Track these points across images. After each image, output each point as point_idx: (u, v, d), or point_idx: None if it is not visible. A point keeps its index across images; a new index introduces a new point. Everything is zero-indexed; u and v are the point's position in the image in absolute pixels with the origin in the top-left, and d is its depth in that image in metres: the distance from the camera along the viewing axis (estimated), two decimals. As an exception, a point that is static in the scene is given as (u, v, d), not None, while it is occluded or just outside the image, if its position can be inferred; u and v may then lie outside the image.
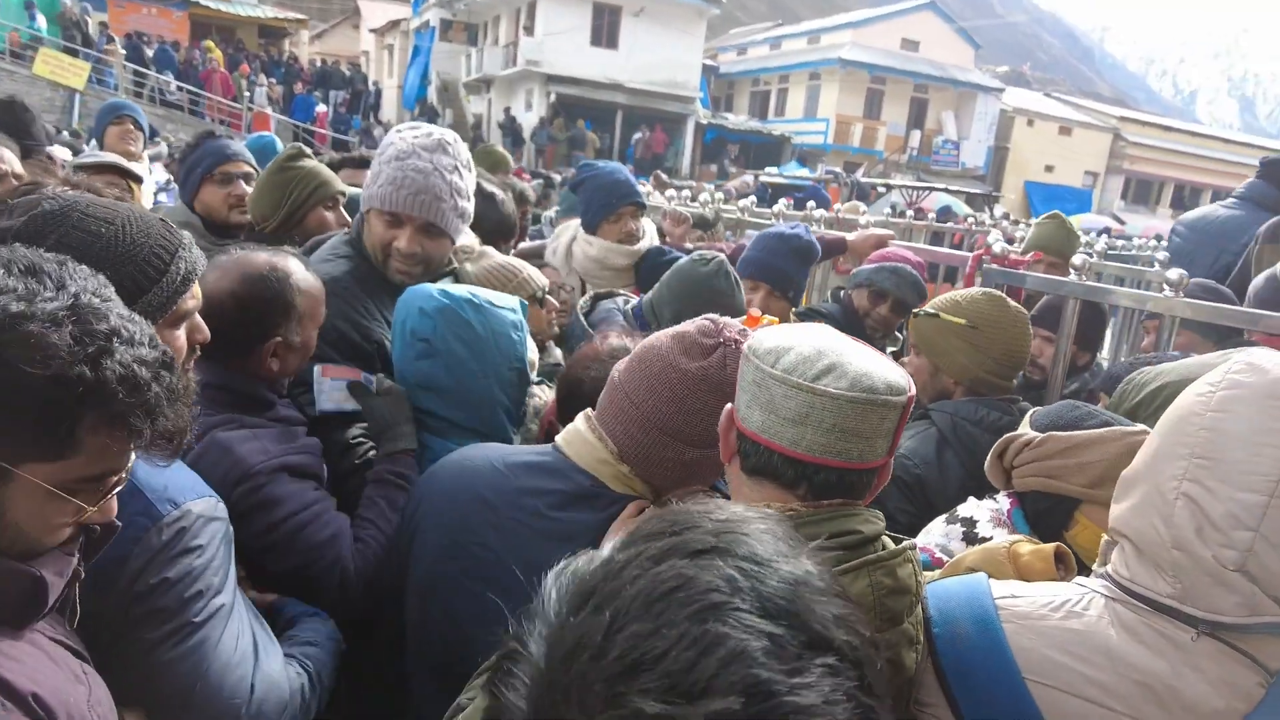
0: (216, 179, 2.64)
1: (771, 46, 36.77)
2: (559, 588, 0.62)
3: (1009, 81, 40.78)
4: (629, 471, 1.29)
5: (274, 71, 23.24)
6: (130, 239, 1.18)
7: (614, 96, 26.36)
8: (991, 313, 2.04)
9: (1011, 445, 1.52)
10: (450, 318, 1.72)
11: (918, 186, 17.83)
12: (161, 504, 1.13)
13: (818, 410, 1.02)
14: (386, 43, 34.93)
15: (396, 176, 1.88)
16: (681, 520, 0.65)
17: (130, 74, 18.45)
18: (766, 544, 0.62)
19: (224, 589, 1.21)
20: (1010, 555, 1.24)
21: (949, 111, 32.78)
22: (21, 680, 0.88)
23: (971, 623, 1.05)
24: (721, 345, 1.28)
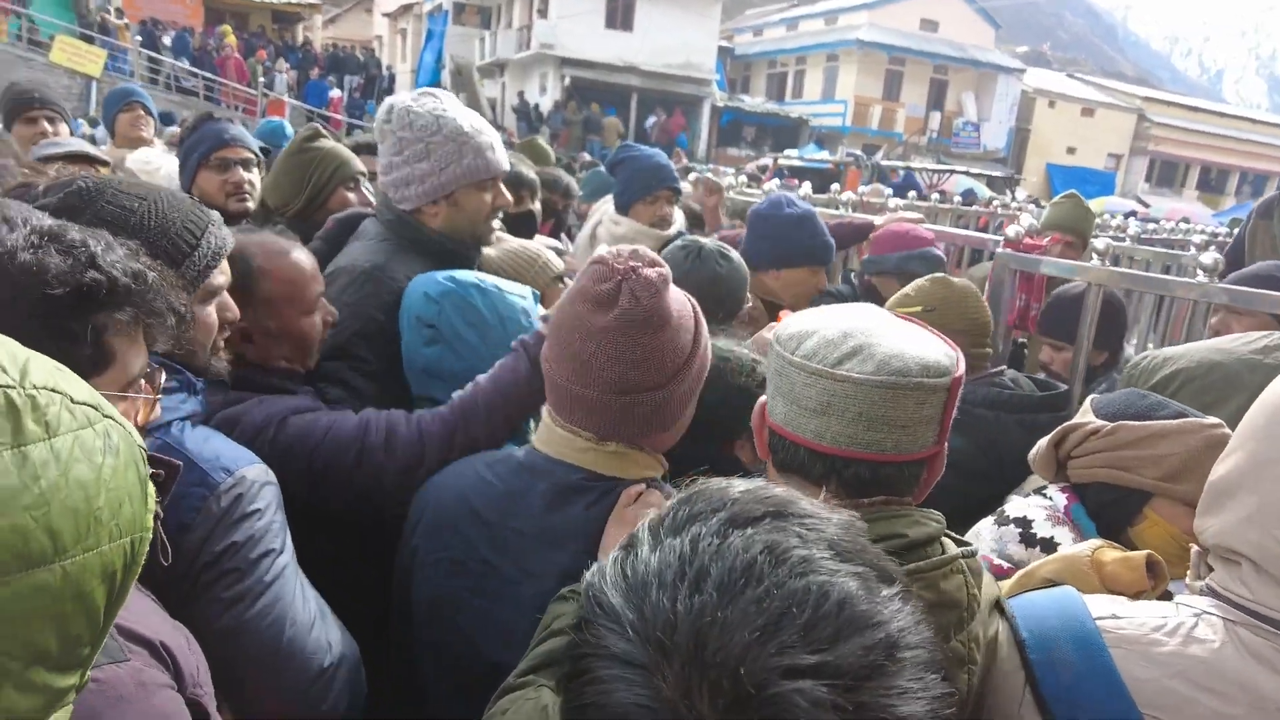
0: (213, 164, 2.47)
1: (788, 27, 36.34)
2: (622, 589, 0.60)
3: (1030, 62, 40.19)
4: (616, 447, 1.24)
5: (288, 57, 23.19)
6: (162, 214, 1.22)
7: (629, 79, 26.13)
8: (941, 292, 2.13)
9: (1073, 434, 1.43)
10: (456, 302, 1.67)
11: (938, 169, 17.61)
12: (216, 472, 1.16)
13: (840, 398, 0.94)
14: (400, 27, 34.79)
15: (482, 143, 1.84)
16: (711, 499, 0.64)
17: (145, 60, 18.44)
18: (800, 501, 0.65)
19: (285, 550, 1.23)
20: (1093, 564, 1.12)
21: (969, 93, 32.32)
22: (146, 628, 0.91)
23: (1073, 646, 0.94)
24: (620, 280, 1.20)
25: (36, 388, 0.60)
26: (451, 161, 1.80)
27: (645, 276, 1.20)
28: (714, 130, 27.98)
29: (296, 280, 1.56)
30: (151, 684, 0.87)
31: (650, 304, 1.18)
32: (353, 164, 2.40)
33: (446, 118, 1.80)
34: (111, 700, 0.81)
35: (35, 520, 0.56)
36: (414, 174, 1.81)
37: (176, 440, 1.18)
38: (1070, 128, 33.36)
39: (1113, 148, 34.16)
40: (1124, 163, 34.25)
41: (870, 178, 13.64)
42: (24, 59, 16.34)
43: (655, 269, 1.23)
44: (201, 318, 1.29)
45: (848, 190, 7.43)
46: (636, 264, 1.22)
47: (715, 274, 2.10)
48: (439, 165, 1.80)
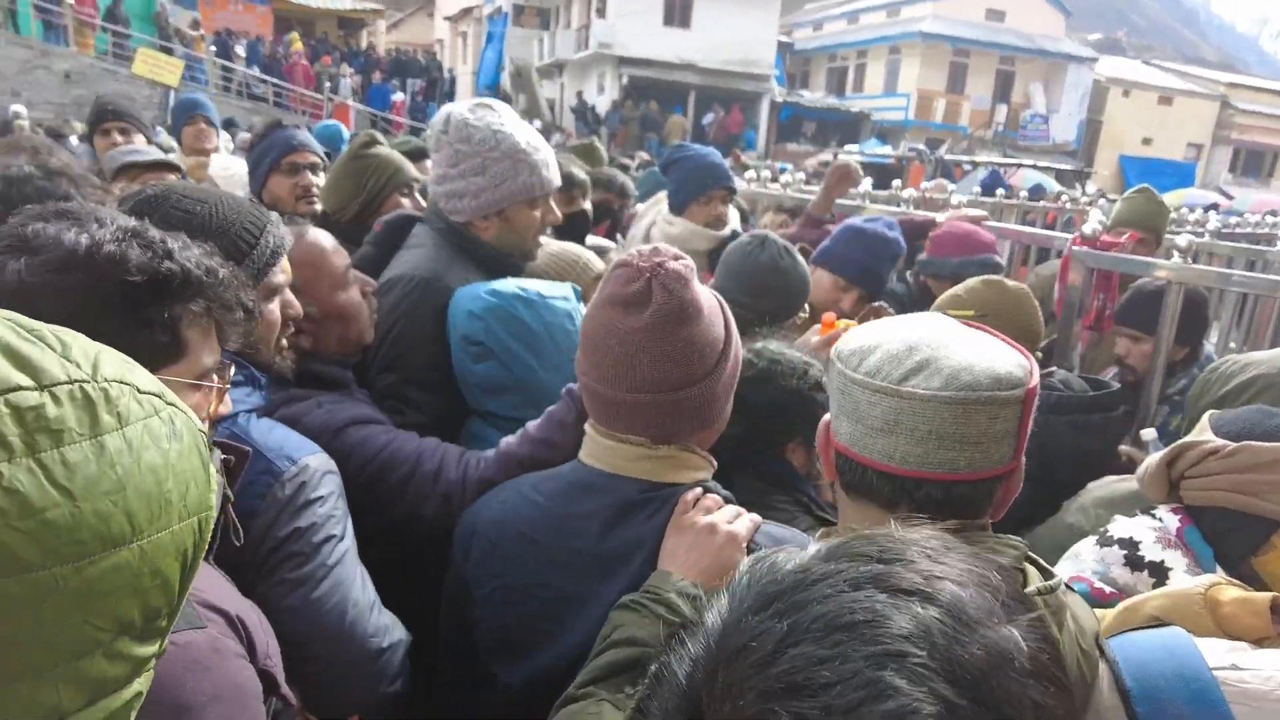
0: (284, 169, 2.63)
1: (849, 21, 35.73)
2: (753, 576, 0.60)
3: (1104, 50, 38.72)
4: (669, 450, 1.22)
5: (352, 62, 23.81)
6: (223, 215, 1.29)
7: (686, 77, 26.05)
8: (994, 297, 2.12)
9: (1189, 453, 1.33)
10: (501, 316, 1.65)
11: (1004, 163, 17.12)
12: (281, 461, 1.21)
13: (907, 416, 0.89)
14: (460, 30, 35.39)
15: (537, 160, 1.85)
16: (892, 550, 0.59)
17: (219, 69, 19.15)
18: (979, 602, 0.55)
19: (346, 535, 1.28)
20: (1208, 602, 1.01)
21: (1037, 83, 31.30)
22: (221, 600, 0.96)
23: (1188, 701, 0.83)
24: (649, 277, 1.18)
25: (108, 380, 0.63)
26: (507, 178, 1.81)
27: (673, 269, 1.19)
28: (773, 126, 27.71)
29: (317, 260, 1.57)
30: (227, 651, 0.91)
31: (683, 295, 1.18)
32: (407, 170, 2.45)
33: (504, 133, 1.80)
34: (189, 664, 0.85)
35: (114, 504, 0.59)
36: (468, 188, 1.81)
37: (243, 430, 1.24)
38: (1146, 117, 32.06)
39: (1193, 137, 32.71)
40: (1205, 153, 32.77)
41: (934, 173, 13.33)
42: (110, 71, 17.12)
43: (680, 261, 1.22)
44: (265, 314, 1.34)
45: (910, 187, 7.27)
46: (661, 259, 1.21)
47: (777, 265, 2.12)
48: (494, 182, 1.80)
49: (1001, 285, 2.15)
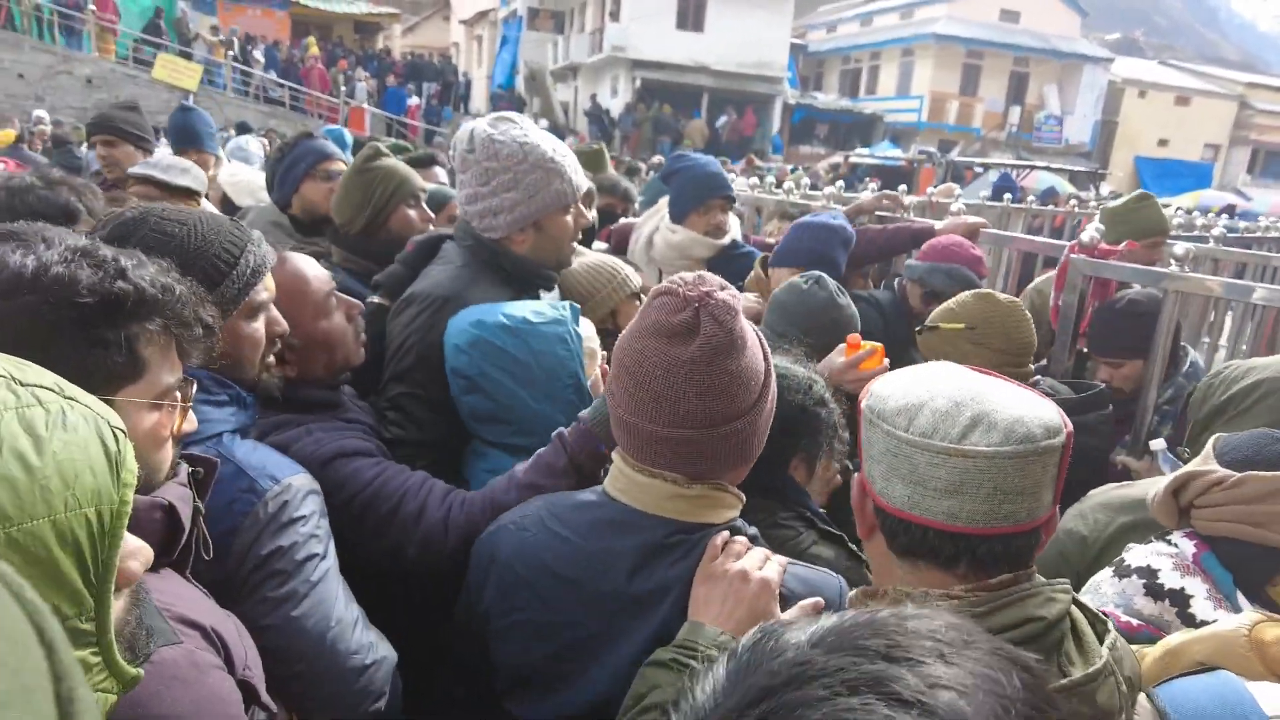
0: (319, 175, 2.77)
1: (862, 23, 35.66)
2: (753, 657, 0.56)
3: (1122, 50, 38.41)
4: (703, 489, 1.18)
5: (368, 65, 24.02)
6: (201, 236, 1.29)
7: (699, 80, 26.09)
8: (984, 310, 2.15)
9: (1194, 482, 1.32)
10: (485, 349, 1.63)
11: (1017, 165, 17.01)
12: (263, 480, 1.23)
13: (973, 475, 0.88)
14: (475, 33, 35.59)
15: (566, 166, 1.85)
16: (901, 645, 0.54)
17: (237, 74, 19.40)
18: (985, 712, 0.51)
19: (328, 555, 1.29)
20: (1254, 644, 1.00)
21: (1052, 85, 31.10)
22: (197, 614, 0.98)
23: None
24: (697, 308, 1.13)
25: None
26: (540, 189, 1.81)
27: (722, 300, 1.14)
28: (785, 128, 27.70)
29: (296, 289, 1.55)
30: (205, 664, 0.93)
31: (732, 326, 1.14)
32: (413, 181, 2.49)
33: (530, 145, 1.81)
34: (168, 680, 0.87)
35: None
36: (502, 204, 1.81)
37: (227, 450, 1.25)
38: (1163, 118, 31.81)
39: (1210, 138, 32.42)
40: (1223, 153, 32.47)
41: (944, 176, 13.29)
42: (130, 76, 17.39)
43: (727, 291, 1.18)
44: (248, 333, 1.34)
45: (925, 188, 7.27)
46: (709, 289, 1.15)
47: (833, 301, 2.16)
48: (528, 194, 1.81)
49: (992, 298, 2.17)
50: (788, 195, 4.51)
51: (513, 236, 1.86)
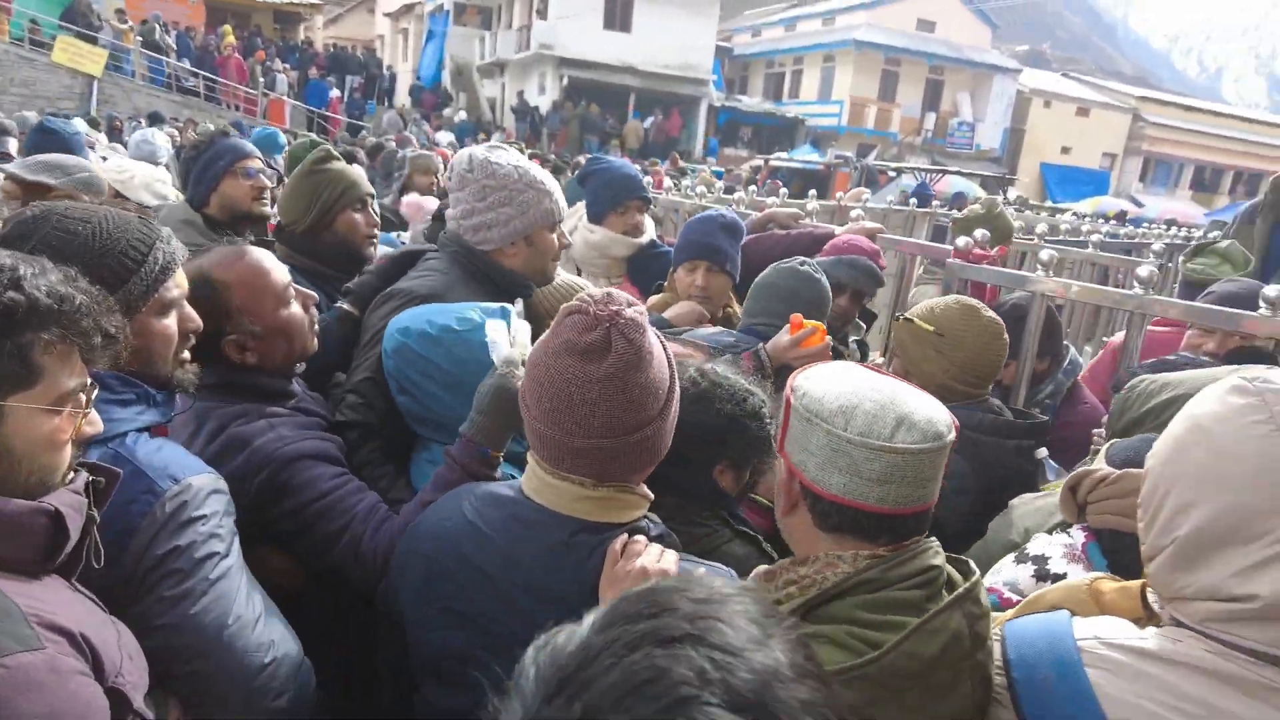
0: (238, 173, 2.77)
1: (786, 28, 36.47)
2: (537, 668, 0.63)
3: (1030, 61, 40.29)
4: (608, 491, 1.25)
5: (288, 57, 23.36)
6: (107, 234, 1.28)
7: (626, 80, 26.28)
8: (958, 320, 2.07)
9: (1085, 480, 1.46)
10: (408, 357, 1.67)
11: (929, 170, 17.75)
12: (163, 480, 1.23)
13: (900, 467, 1.06)
14: (401, 27, 34.94)
15: (553, 190, 2.06)
16: (659, 600, 0.65)
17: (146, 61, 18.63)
18: (740, 630, 0.63)
19: (230, 553, 1.30)
20: (1093, 592, 1.18)
21: (965, 93, 32.43)
22: (67, 620, 0.98)
23: (1054, 668, 1.01)
24: (608, 326, 1.20)
25: None
26: (531, 206, 2.02)
27: (630, 317, 1.21)
28: (711, 130, 28.13)
29: (257, 279, 1.62)
30: (65, 670, 0.93)
31: (640, 342, 1.20)
32: (361, 186, 2.53)
33: (523, 169, 2.03)
34: (22, 685, 0.88)
35: None
36: (498, 218, 2.00)
37: (129, 450, 1.25)
38: (1065, 127, 33.45)
39: (1107, 147, 34.26)
40: (1118, 162, 34.35)
41: (859, 180, 13.79)
42: (26, 59, 16.51)
43: (634, 308, 1.24)
44: (158, 329, 1.35)
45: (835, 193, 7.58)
46: (618, 307, 1.22)
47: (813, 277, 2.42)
48: (520, 210, 2.01)
49: (975, 311, 2.10)
50: (700, 199, 4.70)
51: (504, 249, 2.04)
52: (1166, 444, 1.05)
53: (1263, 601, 0.91)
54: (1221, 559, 0.94)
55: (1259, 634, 0.92)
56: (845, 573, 1.10)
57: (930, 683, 1.01)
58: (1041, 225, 5.64)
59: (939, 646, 1.02)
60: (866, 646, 1.02)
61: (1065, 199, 25.43)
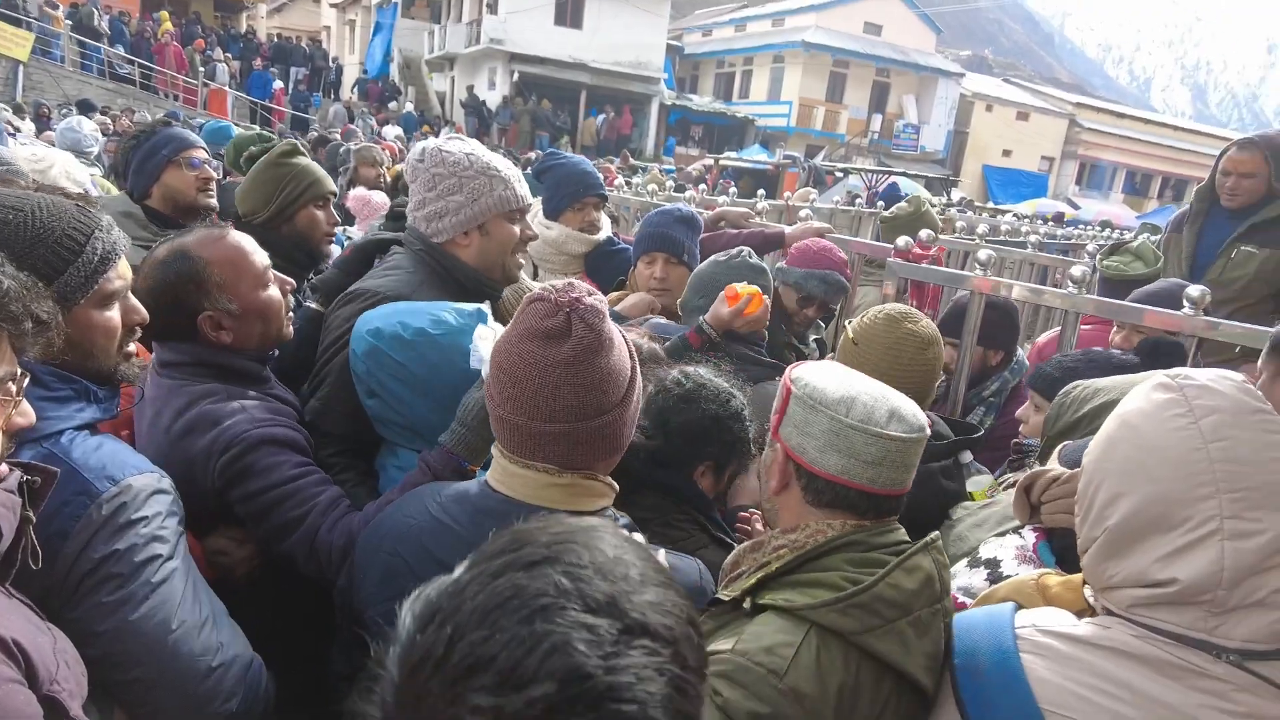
0: (181, 163, 2.69)
1: (736, 28, 36.75)
2: (413, 610, 0.67)
3: (971, 66, 41.30)
4: (574, 477, 1.27)
5: (230, 46, 22.73)
6: (40, 223, 1.22)
7: (578, 76, 26.22)
8: (874, 330, 1.99)
9: (1039, 481, 1.50)
10: (380, 359, 1.62)
11: (876, 171, 18.07)
12: (100, 482, 1.19)
13: (893, 452, 1.20)
14: (348, 18, 34.26)
15: (510, 175, 1.95)
16: (520, 536, 0.71)
17: (76, 46, 17.92)
18: (595, 550, 0.69)
19: (175, 555, 1.26)
20: (1039, 587, 1.26)
21: (910, 96, 33.15)
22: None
23: (990, 653, 1.09)
24: (568, 312, 1.23)
25: None
26: (483, 193, 1.90)
27: (590, 304, 1.24)
28: (662, 128, 28.23)
29: (237, 259, 1.61)
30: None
31: (600, 327, 1.24)
32: (325, 184, 2.47)
33: (475, 155, 1.93)
34: None
35: None
36: (448, 206, 1.90)
37: (64, 450, 1.20)
38: (1006, 131, 34.42)
39: (1046, 151, 35.36)
40: (1056, 165, 35.48)
41: (806, 180, 13.99)
42: (-53, 43, 15.75)
43: (593, 296, 1.27)
44: (99, 322, 1.30)
45: (784, 193, 7.68)
46: (577, 294, 1.25)
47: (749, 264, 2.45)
48: (471, 197, 1.90)
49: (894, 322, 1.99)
50: (651, 196, 4.72)
51: (457, 240, 1.93)
52: (1099, 441, 1.11)
53: (1180, 585, 0.96)
54: (1145, 546, 1.00)
55: (1177, 617, 0.98)
56: (834, 536, 1.23)
57: (914, 617, 1.14)
58: (982, 226, 5.79)
59: (917, 582, 1.16)
60: (854, 586, 1.14)
61: (1006, 200, 26.18)
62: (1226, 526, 0.95)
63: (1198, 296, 2.49)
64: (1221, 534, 0.95)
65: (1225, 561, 0.94)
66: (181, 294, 1.55)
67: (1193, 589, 0.96)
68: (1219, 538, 0.95)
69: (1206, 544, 0.96)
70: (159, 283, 1.55)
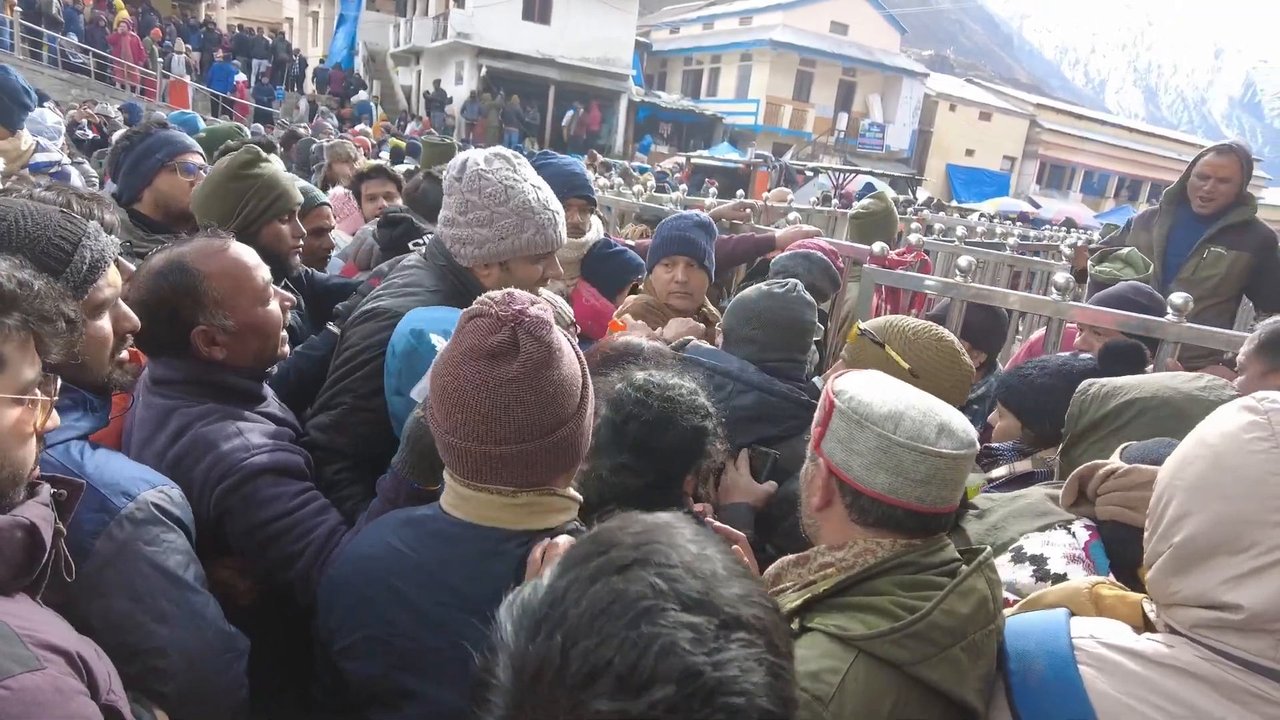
0: (176, 168, 2.58)
1: (704, 26, 36.85)
2: (513, 619, 0.70)
3: (934, 66, 41.86)
4: (530, 496, 1.21)
5: (190, 37, 22.18)
6: (25, 231, 1.19)
7: (546, 72, 26.08)
8: (937, 364, 1.92)
9: (1097, 473, 1.50)
10: (415, 362, 1.58)
11: (844, 170, 18.27)
12: (116, 497, 1.19)
13: (942, 470, 1.15)
14: (311, 10, 33.66)
15: (545, 220, 1.88)
16: (605, 539, 0.73)
17: (25, 34, 17.34)
18: (679, 548, 0.72)
19: (191, 564, 1.28)
20: (1093, 597, 1.21)
21: (876, 95, 33.52)
22: (59, 639, 0.97)
23: (1046, 660, 1.08)
24: (514, 327, 1.17)
25: None
26: (510, 234, 1.84)
27: (536, 315, 1.18)
28: (630, 125, 28.20)
29: (238, 273, 1.55)
30: (69, 690, 0.93)
31: (549, 339, 1.17)
32: (291, 197, 2.35)
33: (515, 189, 1.84)
34: (29, 706, 0.87)
35: None
36: (473, 237, 1.84)
37: (75, 462, 1.20)
38: (969, 131, 35.02)
39: (1007, 151, 36.04)
40: (1017, 165, 36.17)
41: (778, 179, 14.09)
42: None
43: (537, 305, 1.20)
44: (91, 333, 1.26)
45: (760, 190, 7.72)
46: (520, 306, 1.18)
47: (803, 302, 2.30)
48: (498, 235, 1.83)
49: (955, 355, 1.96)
50: (636, 198, 4.71)
51: (478, 269, 1.88)
52: (1175, 458, 1.10)
53: (1246, 613, 0.95)
54: (1212, 566, 0.99)
55: (1245, 643, 0.97)
56: (884, 556, 1.18)
57: (968, 641, 1.09)
58: (961, 228, 5.87)
59: (972, 606, 1.11)
60: (908, 614, 1.09)
61: (970, 199, 26.64)
62: None
63: (1181, 304, 2.55)
64: None
65: None
66: (176, 307, 1.49)
67: (1260, 618, 0.95)
68: None
69: (1275, 571, 0.94)
70: (153, 294, 1.49)
